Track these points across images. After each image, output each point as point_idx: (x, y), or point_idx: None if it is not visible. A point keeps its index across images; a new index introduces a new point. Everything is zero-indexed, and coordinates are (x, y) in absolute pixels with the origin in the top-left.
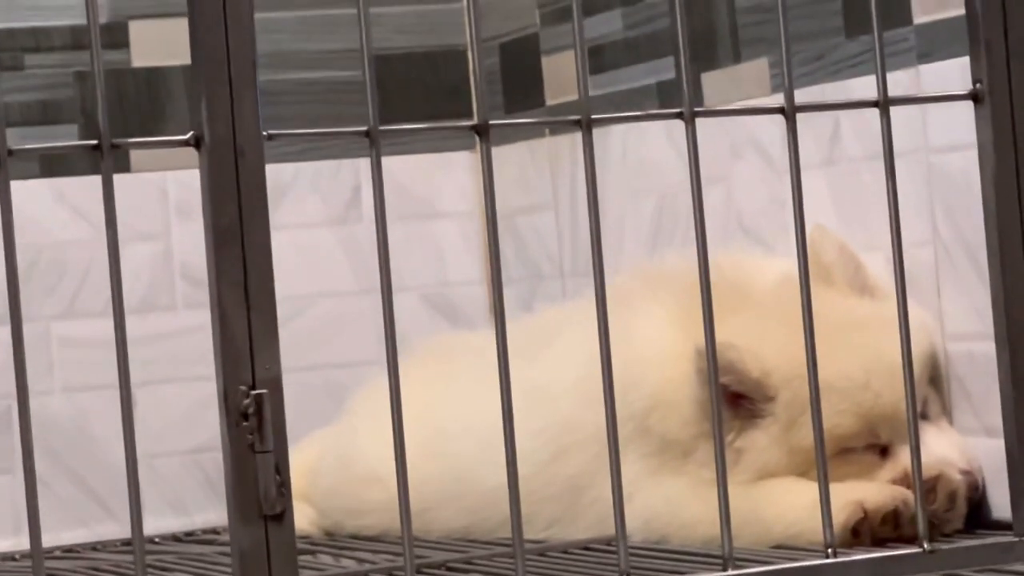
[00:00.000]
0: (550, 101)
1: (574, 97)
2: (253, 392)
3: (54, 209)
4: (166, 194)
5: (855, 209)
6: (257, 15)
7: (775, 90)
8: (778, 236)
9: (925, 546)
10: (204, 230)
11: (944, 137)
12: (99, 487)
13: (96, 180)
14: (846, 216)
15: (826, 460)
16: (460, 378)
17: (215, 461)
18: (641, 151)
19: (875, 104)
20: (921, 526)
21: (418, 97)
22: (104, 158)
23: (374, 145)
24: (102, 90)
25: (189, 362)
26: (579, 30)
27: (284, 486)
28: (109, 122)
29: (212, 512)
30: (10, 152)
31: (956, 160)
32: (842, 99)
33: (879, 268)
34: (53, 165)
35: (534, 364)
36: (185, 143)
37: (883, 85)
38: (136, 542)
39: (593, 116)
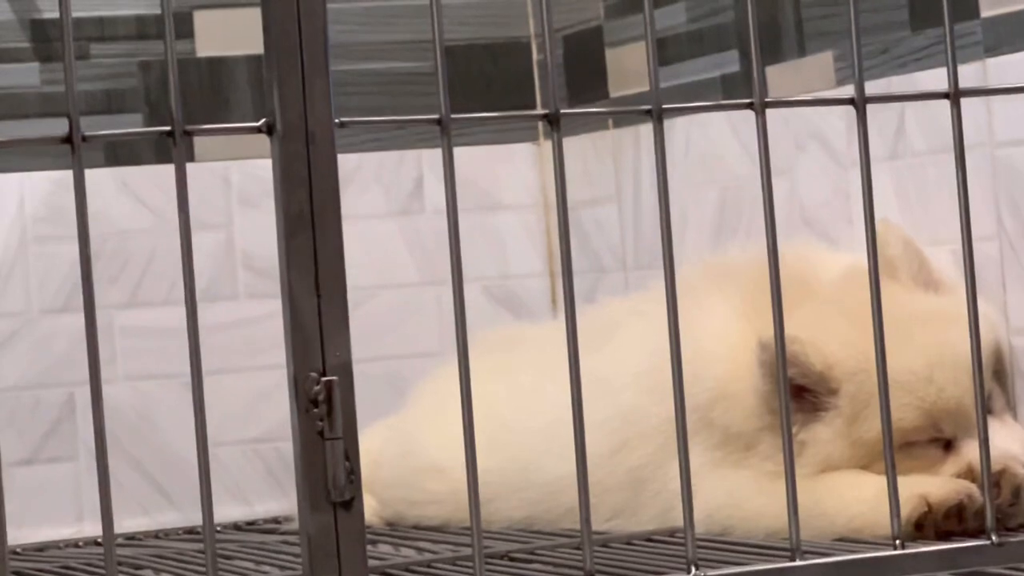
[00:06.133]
0: (614, 93)
1: (637, 90)
2: (323, 379)
3: (117, 198)
4: (229, 184)
5: (919, 203)
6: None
7: (840, 83)
8: (841, 229)
9: (994, 538)
10: (275, 217)
11: (1009, 131)
12: (160, 476)
13: (158, 170)
14: (910, 210)
15: (893, 452)
16: (522, 370)
17: (276, 451)
18: (704, 144)
19: (946, 96)
20: (989, 518)
21: (480, 90)
22: (176, 144)
23: (445, 133)
24: (175, 76)
25: (251, 352)
26: (650, 18)
27: (353, 473)
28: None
29: (273, 502)
30: (84, 138)
31: (1021, 155)
32: (910, 91)
33: (943, 263)
34: (117, 154)
35: (597, 356)
36: (257, 130)
37: (954, 76)
38: (207, 532)
39: (664, 106)
